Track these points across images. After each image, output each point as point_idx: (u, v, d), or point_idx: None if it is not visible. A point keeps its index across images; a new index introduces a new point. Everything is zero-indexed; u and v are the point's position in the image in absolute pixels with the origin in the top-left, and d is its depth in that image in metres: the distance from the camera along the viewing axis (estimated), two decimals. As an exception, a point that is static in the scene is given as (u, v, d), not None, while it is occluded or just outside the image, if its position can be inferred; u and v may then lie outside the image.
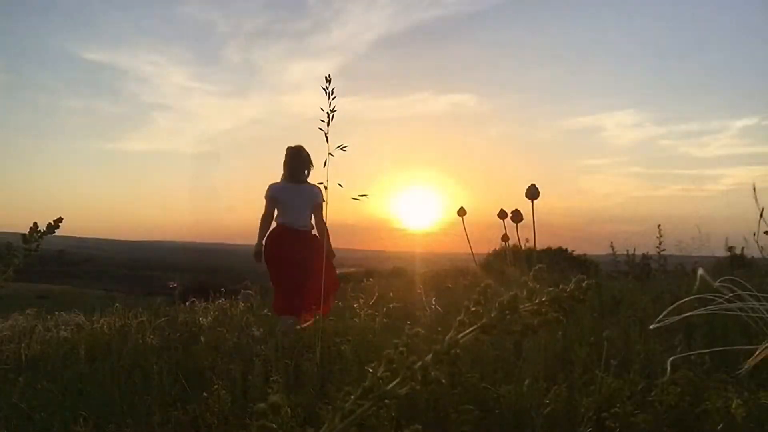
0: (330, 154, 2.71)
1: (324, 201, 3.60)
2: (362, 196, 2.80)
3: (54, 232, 0.92)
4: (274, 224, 3.89)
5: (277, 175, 3.96)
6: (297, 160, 3.87)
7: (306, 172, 3.91)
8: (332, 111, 2.65)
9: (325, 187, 2.80)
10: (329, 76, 2.64)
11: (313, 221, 3.94)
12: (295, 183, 3.86)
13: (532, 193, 1.48)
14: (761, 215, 1.51)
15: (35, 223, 0.90)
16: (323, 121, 2.66)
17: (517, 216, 1.53)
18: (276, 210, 3.86)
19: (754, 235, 1.59)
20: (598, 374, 1.62)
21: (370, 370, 0.40)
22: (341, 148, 2.71)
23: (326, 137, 2.68)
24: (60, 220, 0.92)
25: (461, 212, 1.83)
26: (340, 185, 2.79)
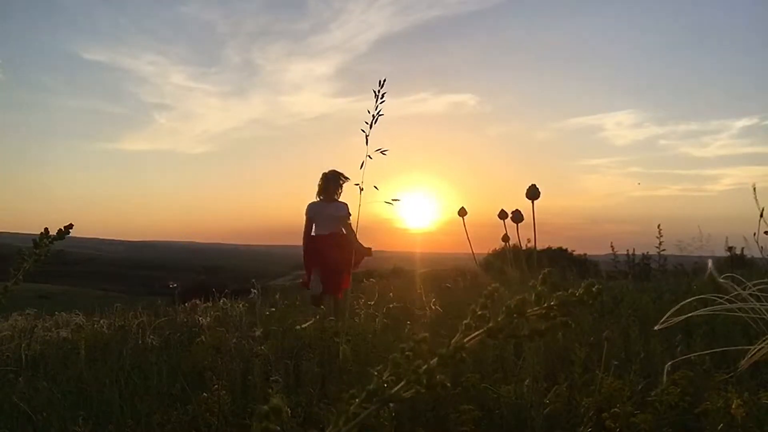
0: (368, 156, 2.69)
1: (350, 215, 4.66)
2: (395, 200, 2.81)
3: (64, 239, 0.93)
4: (312, 234, 4.84)
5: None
6: (328, 183, 4.75)
7: (338, 191, 4.77)
8: (378, 114, 2.61)
9: (361, 189, 2.78)
10: (383, 80, 2.60)
11: (344, 231, 4.79)
12: (327, 201, 4.74)
13: (533, 193, 1.48)
14: (761, 215, 1.51)
15: (46, 229, 0.92)
16: (366, 123, 2.63)
17: (517, 216, 1.53)
18: (314, 224, 4.81)
19: (754, 235, 1.59)
20: (598, 374, 1.62)
21: (375, 374, 0.40)
22: (381, 152, 2.69)
23: (366, 139, 2.66)
24: (70, 226, 0.93)
25: (462, 212, 1.83)
26: (375, 188, 2.78)
